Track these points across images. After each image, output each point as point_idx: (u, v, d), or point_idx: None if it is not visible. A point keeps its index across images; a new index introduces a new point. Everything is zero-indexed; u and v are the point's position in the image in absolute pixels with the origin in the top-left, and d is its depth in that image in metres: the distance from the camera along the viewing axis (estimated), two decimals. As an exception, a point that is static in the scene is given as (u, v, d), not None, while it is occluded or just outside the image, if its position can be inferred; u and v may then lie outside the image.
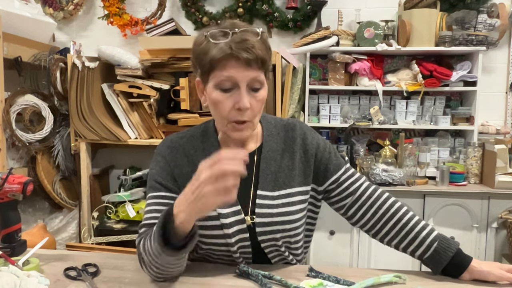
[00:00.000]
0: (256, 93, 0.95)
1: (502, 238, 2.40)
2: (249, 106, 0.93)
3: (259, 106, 0.97)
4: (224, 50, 0.90)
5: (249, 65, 0.91)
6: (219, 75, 0.92)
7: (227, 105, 0.94)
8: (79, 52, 2.75)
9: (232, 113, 0.95)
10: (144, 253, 0.92)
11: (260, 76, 0.94)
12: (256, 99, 0.95)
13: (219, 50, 0.90)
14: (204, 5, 2.84)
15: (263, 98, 0.97)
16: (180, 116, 2.49)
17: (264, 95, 0.97)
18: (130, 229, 2.41)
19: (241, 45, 0.90)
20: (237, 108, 0.93)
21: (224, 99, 0.94)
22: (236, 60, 0.90)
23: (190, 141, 1.08)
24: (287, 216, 1.03)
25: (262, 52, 0.92)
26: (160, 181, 1.04)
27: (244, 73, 0.92)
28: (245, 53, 0.89)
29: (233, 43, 0.90)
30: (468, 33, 2.53)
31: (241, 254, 1.04)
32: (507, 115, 2.75)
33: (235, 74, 0.91)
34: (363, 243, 2.46)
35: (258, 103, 0.96)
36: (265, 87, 0.98)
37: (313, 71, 2.84)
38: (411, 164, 2.56)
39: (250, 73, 0.92)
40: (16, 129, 2.39)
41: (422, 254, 1.03)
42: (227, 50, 0.90)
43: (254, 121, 0.98)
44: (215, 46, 0.91)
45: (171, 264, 0.90)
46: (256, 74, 0.93)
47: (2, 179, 1.08)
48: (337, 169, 1.09)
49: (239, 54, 0.89)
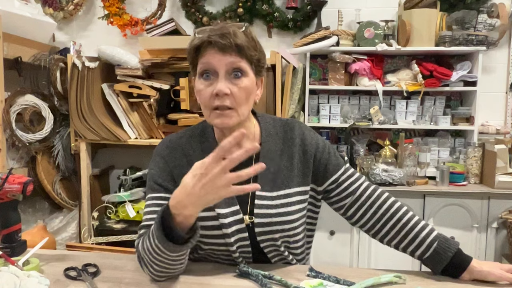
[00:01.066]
0: (237, 80, 0.96)
1: (502, 238, 2.40)
2: (227, 91, 0.94)
3: (241, 94, 0.96)
4: (202, 38, 0.95)
5: (224, 51, 0.93)
6: (199, 63, 0.97)
7: (207, 92, 0.96)
8: (79, 52, 2.75)
9: (212, 100, 0.96)
10: (145, 253, 0.92)
11: (240, 63, 0.95)
12: (237, 86, 0.96)
13: (198, 39, 0.96)
14: (204, 5, 2.84)
15: (246, 87, 0.97)
16: (180, 116, 2.49)
17: (247, 84, 0.97)
18: (130, 229, 2.40)
19: (217, 31, 0.94)
20: (215, 94, 0.95)
21: (205, 87, 0.97)
22: (212, 47, 0.94)
23: (188, 141, 1.08)
24: (286, 216, 1.03)
25: (241, 40, 0.94)
26: (160, 182, 1.04)
27: (220, 58, 0.94)
28: (220, 39, 0.93)
29: (211, 31, 0.94)
30: (468, 33, 2.53)
31: (241, 254, 1.04)
32: (507, 115, 2.75)
33: (211, 59, 0.94)
34: (363, 243, 2.46)
35: (240, 90, 0.96)
36: (250, 77, 0.98)
37: (313, 71, 2.84)
38: (411, 164, 2.56)
39: (226, 58, 0.94)
40: (16, 129, 2.39)
41: (422, 254, 1.02)
42: (205, 38, 0.94)
43: (238, 110, 0.97)
44: (197, 37, 0.96)
45: (174, 260, 0.90)
46: (233, 60, 0.94)
47: (2, 179, 1.08)
48: (337, 169, 1.09)
49: (214, 40, 0.93)
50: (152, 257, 0.90)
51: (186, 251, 0.91)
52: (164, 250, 0.87)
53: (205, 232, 1.01)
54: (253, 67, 0.99)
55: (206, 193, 0.82)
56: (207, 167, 0.81)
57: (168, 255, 0.88)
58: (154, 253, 0.89)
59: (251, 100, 1.01)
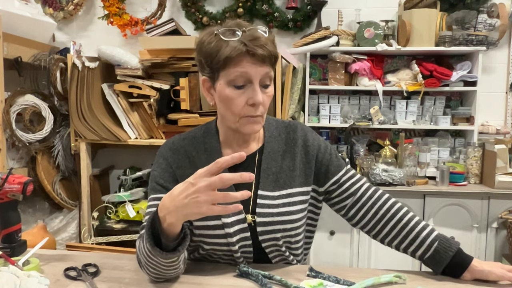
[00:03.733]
0: (266, 89, 0.99)
1: (502, 238, 2.40)
2: (263, 101, 0.97)
3: (268, 101, 1.00)
4: (239, 48, 0.92)
5: (263, 62, 0.94)
6: (232, 71, 0.94)
7: (240, 101, 0.96)
8: (79, 52, 2.75)
9: (246, 109, 0.97)
10: (141, 254, 0.92)
11: (271, 72, 0.98)
12: (266, 95, 0.99)
13: (233, 47, 0.92)
14: (204, 5, 2.84)
15: (271, 94, 1.01)
16: (180, 116, 2.49)
17: (272, 92, 1.01)
18: (130, 229, 2.40)
19: (255, 42, 0.92)
20: (251, 104, 0.96)
21: (237, 95, 0.96)
22: (251, 57, 0.93)
23: (191, 142, 1.08)
24: (288, 216, 1.03)
25: (273, 49, 0.96)
26: (162, 183, 1.04)
27: (258, 69, 0.94)
28: (260, 49, 0.92)
29: (246, 41, 0.92)
30: (468, 33, 2.53)
31: (242, 253, 1.04)
32: (507, 115, 2.75)
33: (250, 70, 0.94)
34: (363, 243, 2.46)
35: (268, 98, 1.00)
36: (272, 84, 1.01)
37: (313, 71, 2.84)
38: (411, 164, 2.56)
39: (263, 69, 0.95)
40: (16, 129, 2.39)
41: (422, 254, 1.03)
42: (242, 47, 0.92)
43: (263, 116, 1.01)
44: (228, 44, 0.93)
45: (165, 266, 0.89)
46: (267, 70, 0.96)
47: (2, 179, 1.08)
48: (338, 170, 1.09)
49: (254, 51, 0.92)
50: (147, 260, 0.90)
51: (176, 258, 0.88)
52: (155, 255, 0.86)
53: (207, 232, 1.01)
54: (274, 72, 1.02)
55: (187, 204, 0.79)
56: (196, 178, 0.79)
57: (159, 260, 0.87)
58: (147, 256, 0.88)
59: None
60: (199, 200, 0.78)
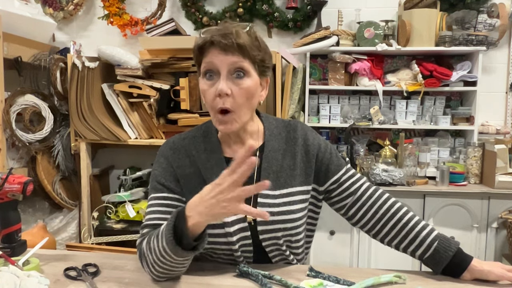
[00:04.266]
0: (239, 80, 0.96)
1: (502, 238, 2.40)
2: (228, 91, 0.94)
3: (242, 94, 0.97)
4: (204, 38, 0.96)
5: (226, 51, 0.94)
6: (203, 63, 0.98)
7: (211, 92, 0.97)
8: (79, 52, 2.75)
9: (216, 101, 0.96)
10: (149, 252, 0.92)
11: (242, 62, 0.95)
12: (239, 87, 0.96)
13: (202, 39, 0.97)
14: (204, 5, 2.84)
15: (248, 87, 0.97)
16: (180, 116, 2.49)
17: (250, 85, 0.97)
18: (130, 229, 2.40)
19: (220, 32, 0.94)
20: (218, 94, 0.95)
21: (208, 87, 0.98)
22: (214, 47, 0.95)
23: (192, 141, 1.09)
24: (288, 215, 1.03)
25: (243, 40, 0.95)
26: (163, 182, 1.05)
27: (222, 58, 0.94)
28: (222, 39, 0.93)
29: (215, 31, 0.95)
30: (468, 33, 2.53)
31: (242, 253, 1.04)
32: (507, 115, 2.75)
33: (214, 59, 0.95)
34: (363, 243, 2.46)
35: (241, 91, 0.96)
36: (252, 77, 0.98)
37: (313, 71, 2.84)
38: (411, 164, 2.56)
39: (229, 58, 0.94)
40: (16, 129, 2.39)
41: (422, 254, 1.03)
42: (208, 38, 0.95)
43: (238, 112, 0.98)
44: (201, 37, 0.97)
45: (178, 264, 0.91)
46: (235, 60, 0.95)
47: (2, 179, 1.08)
48: (338, 169, 1.09)
49: (215, 39, 0.94)
50: (157, 258, 0.90)
51: (191, 257, 0.91)
52: (170, 253, 0.87)
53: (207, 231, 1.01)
54: (256, 67, 0.99)
55: (215, 204, 0.83)
56: (221, 179, 0.83)
57: (173, 258, 0.88)
58: (159, 254, 0.89)
59: (254, 102, 1.01)
60: (228, 198, 0.82)
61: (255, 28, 1.01)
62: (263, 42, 1.01)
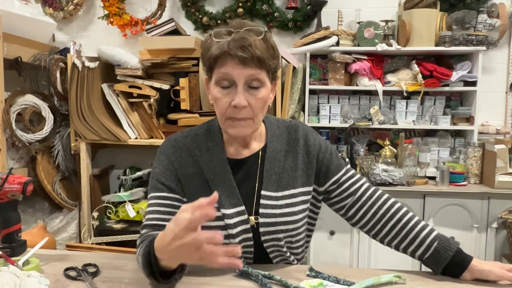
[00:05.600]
0: (255, 91, 0.96)
1: (502, 238, 2.40)
2: (245, 104, 0.94)
3: (259, 104, 0.97)
4: (221, 48, 0.92)
5: (244, 64, 0.92)
6: (218, 72, 0.95)
7: (224, 102, 0.96)
8: (79, 52, 2.75)
9: (229, 110, 0.96)
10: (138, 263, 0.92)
11: (259, 74, 0.94)
12: (255, 97, 0.96)
13: (217, 47, 0.93)
14: (204, 5, 2.84)
15: (263, 97, 0.97)
16: (180, 116, 2.49)
17: (265, 94, 0.97)
18: (130, 229, 2.40)
19: (238, 43, 0.91)
20: (233, 106, 0.94)
21: (222, 96, 0.96)
22: (232, 58, 0.92)
23: (194, 140, 1.08)
24: (290, 217, 1.03)
25: (261, 51, 0.93)
26: (163, 181, 1.04)
27: (240, 71, 0.93)
28: (240, 51, 0.91)
29: (231, 41, 0.91)
30: (468, 33, 2.53)
31: (244, 254, 1.04)
32: (507, 115, 2.75)
33: (231, 71, 0.93)
34: (363, 243, 2.46)
35: (258, 101, 0.96)
36: (267, 86, 0.98)
37: (313, 71, 2.84)
38: (411, 164, 2.56)
39: (246, 71, 0.93)
40: (16, 129, 2.39)
41: (422, 254, 1.03)
42: (225, 48, 0.92)
43: (255, 119, 0.98)
44: (216, 44, 0.93)
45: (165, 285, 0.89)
46: (253, 72, 0.93)
47: (2, 179, 1.08)
48: (338, 170, 1.09)
49: (234, 52, 0.91)
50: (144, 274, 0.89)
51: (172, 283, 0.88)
52: (152, 281, 0.87)
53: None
54: (270, 75, 0.99)
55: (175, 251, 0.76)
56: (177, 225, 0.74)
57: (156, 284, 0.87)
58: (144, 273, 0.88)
59: (266, 107, 1.01)
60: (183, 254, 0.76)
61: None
62: (276, 47, 0.99)
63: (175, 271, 0.85)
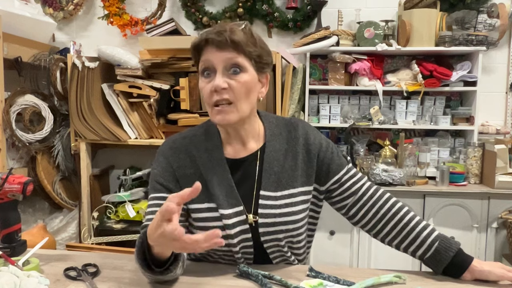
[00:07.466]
0: (236, 76, 0.97)
1: (502, 238, 2.40)
2: (224, 86, 0.95)
3: (240, 88, 0.97)
4: (201, 37, 0.97)
5: (220, 48, 0.95)
6: (200, 61, 0.99)
7: (207, 89, 0.97)
8: (79, 52, 2.75)
9: (211, 96, 0.97)
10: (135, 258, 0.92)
11: (237, 58, 0.96)
12: (236, 81, 0.96)
13: (197, 38, 0.98)
14: (204, 5, 2.84)
15: (245, 82, 0.97)
16: (180, 116, 2.49)
17: (247, 79, 0.97)
18: (130, 229, 2.40)
19: (214, 30, 0.96)
20: (214, 90, 0.96)
21: (205, 84, 0.98)
22: (210, 44, 0.96)
23: (192, 141, 1.08)
24: (290, 217, 1.03)
25: (238, 36, 0.95)
26: (162, 182, 1.04)
27: (217, 55, 0.96)
28: (216, 36, 0.95)
29: (210, 30, 0.97)
30: (468, 33, 2.53)
31: (243, 254, 1.04)
32: (507, 115, 2.75)
33: (210, 57, 0.96)
34: (363, 243, 2.46)
35: (239, 84, 0.96)
36: (250, 72, 0.98)
37: (313, 71, 2.84)
38: (411, 164, 2.56)
39: (223, 54, 0.95)
40: (16, 129, 2.39)
41: (423, 254, 1.02)
42: (203, 36, 0.97)
43: (238, 104, 0.97)
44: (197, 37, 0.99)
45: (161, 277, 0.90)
46: (230, 56, 0.95)
47: (2, 179, 1.08)
48: (339, 169, 1.09)
49: (210, 37, 0.95)
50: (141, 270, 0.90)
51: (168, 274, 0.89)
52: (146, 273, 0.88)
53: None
54: (253, 63, 0.99)
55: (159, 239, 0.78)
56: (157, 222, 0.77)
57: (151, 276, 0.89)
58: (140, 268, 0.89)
59: (253, 97, 1.00)
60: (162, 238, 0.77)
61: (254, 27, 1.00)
62: (259, 38, 1.01)
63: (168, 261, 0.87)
